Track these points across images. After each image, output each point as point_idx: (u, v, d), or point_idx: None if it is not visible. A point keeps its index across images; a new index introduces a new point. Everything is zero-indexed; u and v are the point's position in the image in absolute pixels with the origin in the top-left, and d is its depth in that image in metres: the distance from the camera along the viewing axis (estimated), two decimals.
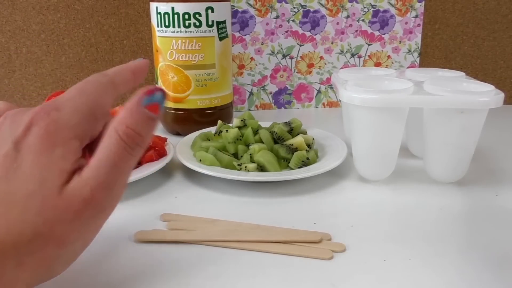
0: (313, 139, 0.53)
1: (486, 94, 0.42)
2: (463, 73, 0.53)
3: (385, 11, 0.75)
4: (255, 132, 0.52)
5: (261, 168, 0.47)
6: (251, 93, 0.77)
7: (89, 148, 0.28)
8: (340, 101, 0.67)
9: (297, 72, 0.77)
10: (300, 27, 0.74)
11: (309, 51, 0.76)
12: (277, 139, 0.51)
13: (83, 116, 0.27)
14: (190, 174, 0.49)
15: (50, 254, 0.25)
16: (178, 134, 0.63)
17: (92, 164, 0.26)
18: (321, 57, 0.76)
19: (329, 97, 0.79)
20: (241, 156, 0.49)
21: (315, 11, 0.74)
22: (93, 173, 0.25)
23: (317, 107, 0.79)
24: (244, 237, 0.36)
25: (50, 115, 0.26)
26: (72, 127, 0.26)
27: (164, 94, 0.27)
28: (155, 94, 0.27)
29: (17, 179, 0.25)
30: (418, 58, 0.78)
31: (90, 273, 0.32)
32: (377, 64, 0.78)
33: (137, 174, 0.44)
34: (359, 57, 0.77)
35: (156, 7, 0.58)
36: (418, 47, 0.77)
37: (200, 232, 0.37)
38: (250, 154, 0.48)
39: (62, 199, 0.25)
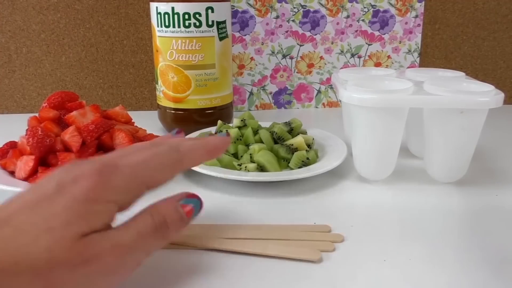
0: (313, 139, 0.53)
1: (486, 94, 0.42)
2: (463, 73, 0.53)
3: (385, 11, 0.75)
4: (255, 132, 0.52)
5: (261, 168, 0.47)
6: (251, 93, 0.77)
7: None
8: (340, 101, 0.67)
9: (297, 72, 0.77)
10: (300, 27, 0.74)
11: (309, 51, 0.76)
12: (277, 139, 0.51)
13: (133, 189, 0.28)
14: (190, 174, 0.49)
15: None
16: None
17: (120, 228, 0.27)
18: (321, 57, 0.76)
19: (329, 97, 0.79)
20: (241, 156, 0.49)
21: (315, 11, 0.74)
22: (118, 235, 0.26)
23: (317, 107, 0.79)
24: (243, 235, 0.35)
25: (102, 175, 0.26)
26: (118, 194, 0.27)
27: (201, 203, 0.30)
28: (193, 199, 0.30)
29: (42, 213, 0.25)
30: (418, 58, 0.78)
31: None
32: (377, 64, 0.78)
33: None
34: (359, 57, 0.77)
35: (156, 7, 0.58)
36: (418, 47, 0.77)
37: (198, 238, 0.36)
38: (250, 154, 0.48)
39: (78, 245, 0.24)
